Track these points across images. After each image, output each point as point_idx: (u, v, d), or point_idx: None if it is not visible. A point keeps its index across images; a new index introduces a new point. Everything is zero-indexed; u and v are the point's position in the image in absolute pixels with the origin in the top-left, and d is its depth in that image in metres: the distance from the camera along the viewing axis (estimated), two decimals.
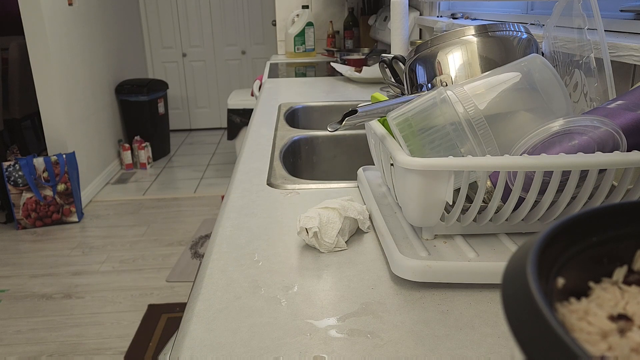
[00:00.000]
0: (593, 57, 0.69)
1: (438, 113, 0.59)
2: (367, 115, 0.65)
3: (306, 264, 0.65)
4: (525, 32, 0.73)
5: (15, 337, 2.08)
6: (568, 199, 0.57)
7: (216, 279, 0.62)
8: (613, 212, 0.28)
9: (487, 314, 0.54)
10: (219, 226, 0.77)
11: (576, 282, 0.27)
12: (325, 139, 1.29)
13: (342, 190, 0.90)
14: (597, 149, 0.55)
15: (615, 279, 0.27)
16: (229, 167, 4.06)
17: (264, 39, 5.04)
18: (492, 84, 0.61)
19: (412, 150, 0.59)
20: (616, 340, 0.22)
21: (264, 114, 1.52)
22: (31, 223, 3.01)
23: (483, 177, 0.57)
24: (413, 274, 0.58)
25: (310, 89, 1.92)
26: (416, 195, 0.58)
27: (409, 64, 0.79)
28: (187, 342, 0.51)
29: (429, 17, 1.92)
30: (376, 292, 0.58)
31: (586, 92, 0.70)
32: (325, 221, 0.67)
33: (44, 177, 2.98)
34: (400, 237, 0.64)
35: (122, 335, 2.06)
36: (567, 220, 0.26)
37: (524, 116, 0.60)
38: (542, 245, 0.24)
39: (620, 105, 0.58)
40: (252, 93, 2.78)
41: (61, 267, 2.59)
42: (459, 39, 0.73)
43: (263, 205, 0.85)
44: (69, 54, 3.19)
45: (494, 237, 0.63)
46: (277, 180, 0.96)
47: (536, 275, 0.22)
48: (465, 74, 0.71)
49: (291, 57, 2.88)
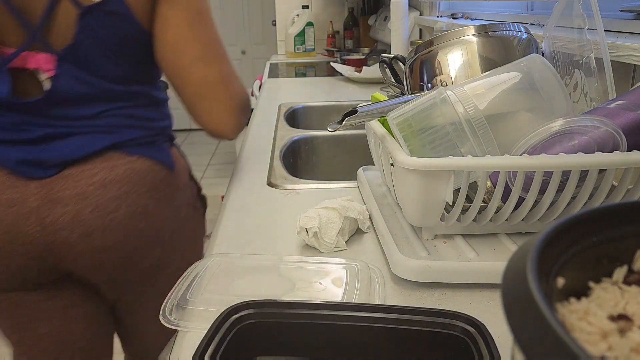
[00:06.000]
0: (593, 57, 0.69)
1: (438, 113, 0.59)
2: (367, 115, 0.65)
3: None
4: (525, 32, 0.73)
5: None
6: (568, 199, 0.57)
7: None
8: (613, 212, 0.28)
9: (487, 314, 0.54)
10: (219, 226, 0.77)
11: (576, 282, 0.27)
12: (325, 139, 1.29)
13: (342, 190, 0.90)
14: (597, 149, 0.55)
15: (615, 279, 0.27)
16: (229, 167, 4.06)
17: (264, 39, 5.04)
18: (492, 84, 0.61)
19: (412, 150, 0.59)
20: (616, 340, 0.22)
21: (264, 114, 1.52)
22: None
23: (483, 177, 0.57)
24: (413, 274, 0.58)
25: (310, 89, 1.92)
26: (416, 195, 0.58)
27: (409, 64, 0.79)
28: (187, 342, 0.51)
29: (429, 17, 1.92)
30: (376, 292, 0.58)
31: (586, 92, 0.70)
32: (325, 221, 0.67)
33: None
34: (400, 237, 0.64)
35: None
36: (567, 220, 0.26)
37: (524, 116, 0.60)
38: (542, 245, 0.24)
39: (620, 105, 0.58)
40: (252, 93, 2.78)
41: None
42: (459, 39, 0.73)
43: (263, 205, 0.85)
44: None
45: (494, 237, 0.63)
46: (277, 180, 0.96)
47: (536, 275, 0.22)
48: (465, 74, 0.71)
49: (291, 57, 2.88)
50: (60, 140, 0.81)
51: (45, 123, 0.81)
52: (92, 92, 0.82)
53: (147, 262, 0.88)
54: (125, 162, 0.83)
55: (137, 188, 0.83)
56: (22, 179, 0.80)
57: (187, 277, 0.58)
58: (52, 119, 0.81)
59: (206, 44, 0.86)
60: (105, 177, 0.81)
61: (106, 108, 0.83)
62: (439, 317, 0.43)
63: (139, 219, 0.84)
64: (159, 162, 0.87)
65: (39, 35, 0.78)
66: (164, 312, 0.53)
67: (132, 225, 0.83)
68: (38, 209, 0.79)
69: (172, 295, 0.55)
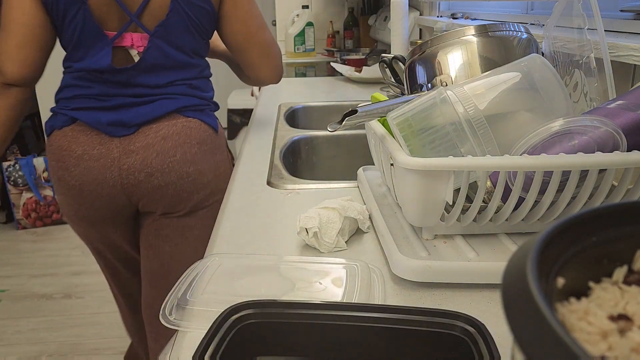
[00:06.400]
0: (593, 57, 0.69)
1: (438, 113, 0.59)
2: (367, 115, 0.65)
3: None
4: (525, 32, 0.73)
5: (15, 337, 2.08)
6: (568, 199, 0.57)
7: None
8: (613, 212, 0.28)
9: (487, 314, 0.54)
10: (219, 226, 0.77)
11: (576, 282, 0.27)
12: (325, 139, 1.29)
13: (342, 190, 0.90)
14: (597, 149, 0.55)
15: (615, 279, 0.27)
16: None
17: None
18: (492, 84, 0.61)
19: (412, 150, 0.59)
20: (616, 340, 0.22)
21: (264, 114, 1.52)
22: (31, 223, 3.01)
23: (483, 177, 0.57)
24: (413, 274, 0.58)
25: (310, 89, 1.92)
26: (416, 195, 0.58)
27: (409, 64, 0.79)
28: (187, 342, 0.51)
29: (429, 17, 1.92)
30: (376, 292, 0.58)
31: (586, 92, 0.70)
32: (325, 221, 0.67)
33: (43, 177, 2.98)
34: (400, 237, 0.64)
35: (122, 335, 2.06)
36: (567, 220, 0.26)
37: (524, 116, 0.60)
38: (542, 245, 0.24)
39: (620, 105, 0.58)
40: (252, 93, 2.78)
41: (61, 267, 2.59)
42: (459, 39, 0.73)
43: (263, 205, 0.85)
44: None
45: (494, 237, 0.63)
46: (277, 180, 0.96)
47: (536, 275, 0.22)
48: (465, 74, 0.71)
49: (291, 57, 2.88)
50: (138, 107, 1.08)
51: (126, 92, 1.07)
52: (169, 63, 1.09)
53: (191, 202, 1.13)
54: (182, 122, 1.10)
55: (189, 140, 1.10)
56: (108, 137, 1.07)
57: (187, 277, 0.58)
58: (133, 87, 1.08)
59: (259, 17, 1.16)
60: (167, 132, 1.08)
61: (175, 78, 1.10)
62: (439, 317, 0.43)
63: (189, 164, 1.10)
64: (207, 124, 1.14)
65: (136, 19, 1.04)
66: (164, 312, 0.53)
67: (184, 169, 1.09)
68: (118, 159, 1.07)
69: (172, 295, 0.55)
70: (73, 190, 1.10)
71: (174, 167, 1.08)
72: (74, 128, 1.08)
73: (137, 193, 1.10)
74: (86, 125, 1.08)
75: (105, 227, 1.18)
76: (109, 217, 1.15)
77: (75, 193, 1.10)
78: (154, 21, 1.05)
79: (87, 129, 1.08)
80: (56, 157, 1.10)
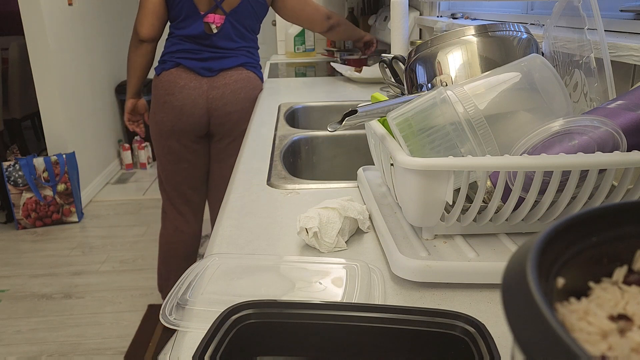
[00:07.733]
0: (593, 57, 0.69)
1: (438, 113, 0.59)
2: (367, 115, 0.65)
3: None
4: (525, 32, 0.73)
5: (15, 337, 2.08)
6: (568, 199, 0.57)
7: None
8: (613, 212, 0.28)
9: (487, 314, 0.54)
10: (219, 226, 0.77)
11: (576, 282, 0.27)
12: (325, 139, 1.29)
13: (342, 190, 0.90)
14: (597, 149, 0.55)
15: (615, 279, 0.27)
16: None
17: (264, 39, 5.02)
18: (492, 84, 0.61)
19: (412, 150, 0.59)
20: (616, 340, 0.22)
21: (264, 114, 1.52)
22: (31, 223, 3.01)
23: (483, 177, 0.57)
24: (413, 274, 0.58)
25: (310, 89, 1.92)
26: (416, 195, 0.58)
27: (409, 64, 0.79)
28: (187, 342, 0.51)
29: (429, 17, 1.92)
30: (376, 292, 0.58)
31: (586, 92, 0.70)
32: (325, 221, 0.67)
33: (44, 177, 2.98)
34: (400, 237, 0.64)
35: (122, 335, 2.06)
36: (567, 220, 0.26)
37: (524, 116, 0.60)
38: (542, 245, 0.24)
39: (620, 105, 0.58)
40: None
41: (61, 267, 2.59)
42: (459, 39, 0.73)
43: (263, 205, 0.85)
44: (69, 54, 3.19)
45: (494, 237, 0.63)
46: (277, 180, 0.96)
47: (536, 275, 0.22)
48: (465, 74, 0.71)
49: (291, 57, 2.88)
50: (218, 60, 1.72)
51: (210, 50, 1.71)
52: (237, 35, 1.73)
53: (241, 127, 1.75)
54: (245, 72, 1.75)
55: (247, 84, 1.75)
56: (200, 77, 1.71)
57: (187, 277, 0.58)
58: (214, 48, 1.71)
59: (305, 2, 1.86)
60: (237, 77, 1.73)
61: (240, 45, 1.74)
62: (439, 317, 0.43)
63: (246, 100, 1.74)
64: (258, 76, 1.80)
65: (220, 4, 1.66)
66: (164, 312, 0.53)
67: (243, 102, 1.74)
68: (207, 91, 1.71)
69: (172, 295, 0.55)
70: (176, 110, 1.70)
71: (239, 101, 1.72)
72: (178, 69, 1.70)
73: (215, 114, 1.72)
74: (186, 68, 1.70)
75: (188, 139, 1.77)
76: (194, 132, 1.75)
77: (177, 112, 1.70)
78: (230, 7, 1.68)
79: (187, 70, 1.70)
80: (165, 86, 1.70)
